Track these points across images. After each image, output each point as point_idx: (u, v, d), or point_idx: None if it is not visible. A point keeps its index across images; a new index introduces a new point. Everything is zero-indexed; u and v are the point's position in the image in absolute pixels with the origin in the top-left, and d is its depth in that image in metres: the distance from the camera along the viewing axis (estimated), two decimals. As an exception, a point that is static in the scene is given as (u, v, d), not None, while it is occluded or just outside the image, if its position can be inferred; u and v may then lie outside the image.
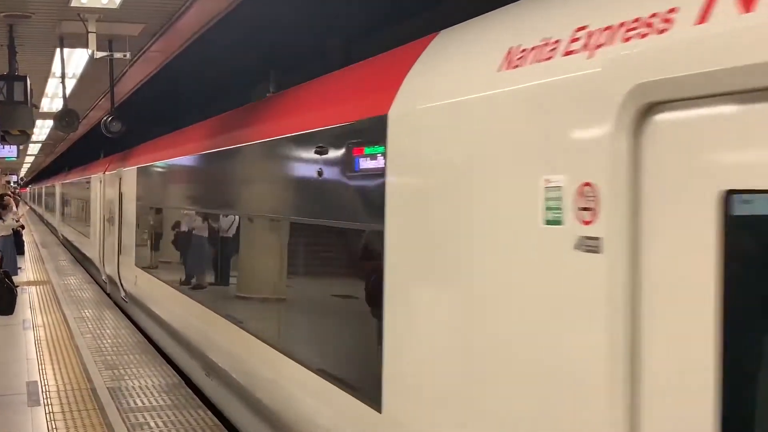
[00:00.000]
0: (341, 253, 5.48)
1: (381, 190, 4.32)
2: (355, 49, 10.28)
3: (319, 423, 5.20)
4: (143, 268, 12.64)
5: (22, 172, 66.81)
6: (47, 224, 43.28)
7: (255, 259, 7.32)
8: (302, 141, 5.77)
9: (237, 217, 7.50)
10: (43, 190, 49.61)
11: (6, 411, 8.09)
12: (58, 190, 33.80)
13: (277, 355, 5.97)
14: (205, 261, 8.97)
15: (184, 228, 10.14)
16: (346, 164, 4.91)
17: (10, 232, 18.48)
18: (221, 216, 8.22)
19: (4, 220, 18.18)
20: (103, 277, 17.59)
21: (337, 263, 5.65)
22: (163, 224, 11.45)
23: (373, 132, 4.43)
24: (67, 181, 29.35)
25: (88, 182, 20.85)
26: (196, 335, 8.79)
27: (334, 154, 5.11)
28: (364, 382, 4.51)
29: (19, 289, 13.35)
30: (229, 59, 13.01)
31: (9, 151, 24.38)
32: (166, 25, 10.38)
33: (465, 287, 3.56)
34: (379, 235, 4.31)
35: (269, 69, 10.16)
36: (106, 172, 17.34)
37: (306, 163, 5.72)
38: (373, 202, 4.45)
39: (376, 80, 4.86)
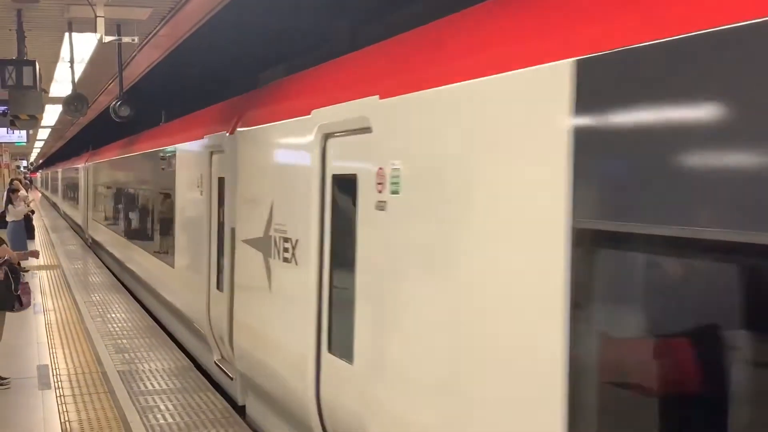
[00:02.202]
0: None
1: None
2: (362, 34, 10.25)
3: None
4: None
5: (32, 157, 67.00)
6: (66, 218, 35.83)
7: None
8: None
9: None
10: (60, 174, 42.10)
11: (17, 394, 8.16)
12: (85, 175, 26.03)
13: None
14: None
15: None
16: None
17: (21, 217, 18.55)
18: None
19: (15, 206, 18.24)
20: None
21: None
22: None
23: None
24: (105, 159, 21.38)
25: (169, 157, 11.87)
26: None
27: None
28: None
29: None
30: (236, 44, 12.99)
31: (19, 136, 24.38)
32: (174, 9, 10.36)
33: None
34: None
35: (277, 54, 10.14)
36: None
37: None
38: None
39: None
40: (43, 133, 37.09)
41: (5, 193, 20.25)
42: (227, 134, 8.14)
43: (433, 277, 4.03)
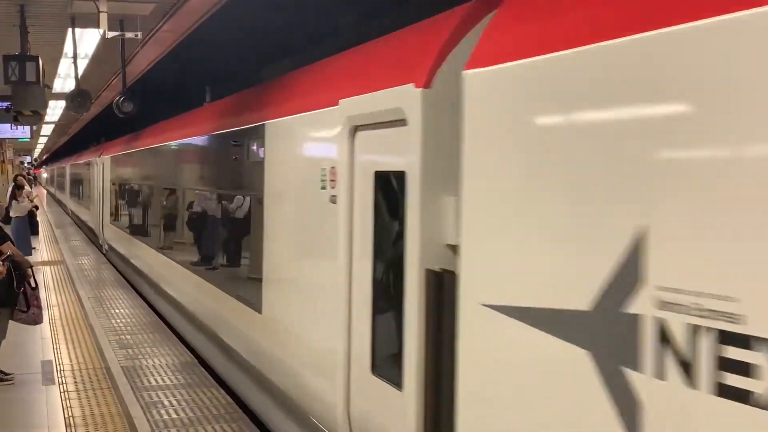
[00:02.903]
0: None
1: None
2: (368, 28, 10.21)
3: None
4: None
5: (36, 153, 67.07)
6: (73, 218, 32.78)
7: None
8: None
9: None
10: (67, 170, 37.35)
11: (21, 390, 8.15)
12: (100, 171, 21.36)
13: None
14: None
15: None
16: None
17: (25, 213, 18.56)
18: None
19: (19, 202, 18.25)
20: None
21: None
22: None
23: None
24: (131, 149, 16.73)
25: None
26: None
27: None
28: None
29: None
30: (240, 39, 12.97)
31: (22, 132, 24.39)
32: (177, 5, 10.33)
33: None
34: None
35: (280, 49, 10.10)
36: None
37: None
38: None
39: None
40: (46, 129, 37.11)
41: (10, 189, 20.27)
42: (415, 88, 4.33)
43: None
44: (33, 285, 8.33)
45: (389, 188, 4.77)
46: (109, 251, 19.62)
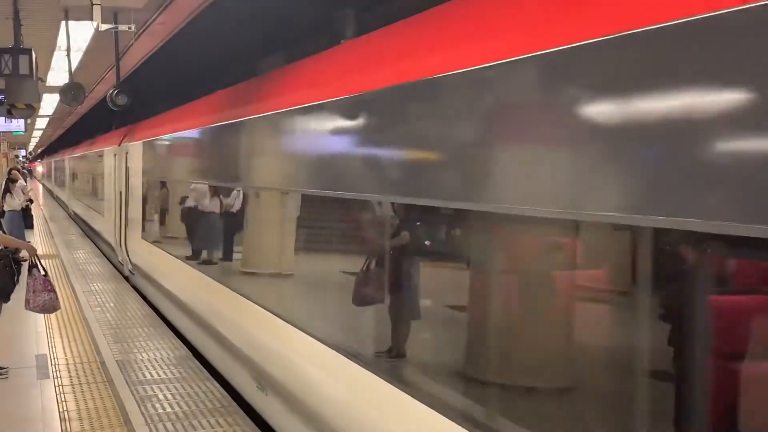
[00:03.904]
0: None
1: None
2: (365, 21, 10.18)
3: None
4: None
5: (31, 146, 66.88)
6: (89, 235, 23.18)
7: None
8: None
9: None
10: (67, 163, 32.15)
11: (15, 384, 8.14)
12: (120, 164, 15.86)
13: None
14: None
15: None
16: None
17: (19, 207, 18.50)
18: None
19: (13, 196, 18.19)
20: None
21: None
22: None
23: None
24: (178, 130, 11.05)
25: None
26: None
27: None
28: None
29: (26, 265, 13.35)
30: (234, 32, 12.92)
31: (17, 125, 24.26)
32: (171, -3, 10.31)
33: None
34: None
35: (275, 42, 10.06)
36: None
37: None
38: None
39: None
40: (41, 123, 37.01)
41: (4, 182, 20.20)
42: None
43: None
44: (43, 272, 8.18)
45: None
46: (137, 275, 14.08)
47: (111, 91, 12.42)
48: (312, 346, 5.67)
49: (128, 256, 14.84)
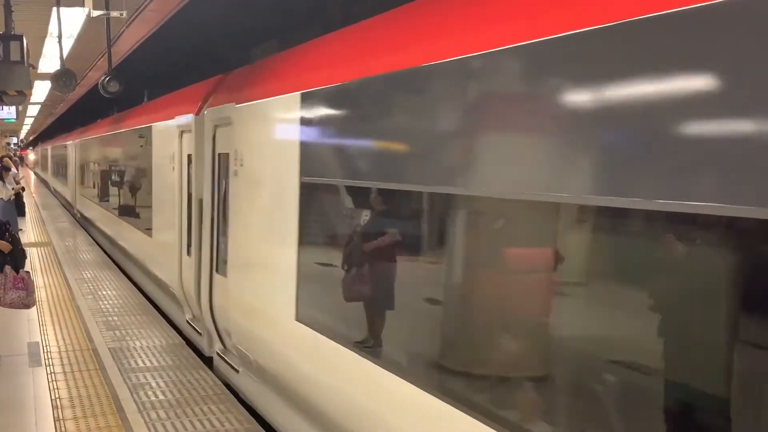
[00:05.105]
0: None
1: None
2: (356, 9, 10.15)
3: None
4: None
5: (22, 134, 66.59)
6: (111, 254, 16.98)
7: None
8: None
9: None
10: (73, 150, 24.97)
11: (7, 371, 8.12)
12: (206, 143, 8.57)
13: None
14: None
15: None
16: None
17: (12, 195, 18.43)
18: None
19: (6, 184, 18.11)
20: None
21: None
22: None
23: None
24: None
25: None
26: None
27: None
28: None
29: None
30: (226, 18, 12.86)
31: (8, 112, 24.14)
32: (163, -17, 10.25)
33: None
34: None
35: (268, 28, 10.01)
36: None
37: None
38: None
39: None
40: (33, 110, 36.83)
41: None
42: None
43: None
44: (16, 270, 8.07)
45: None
46: (248, 374, 7.49)
47: (103, 78, 12.35)
48: None
49: (218, 323, 8.25)
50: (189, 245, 9.26)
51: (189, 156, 9.24)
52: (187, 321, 9.74)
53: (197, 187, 8.84)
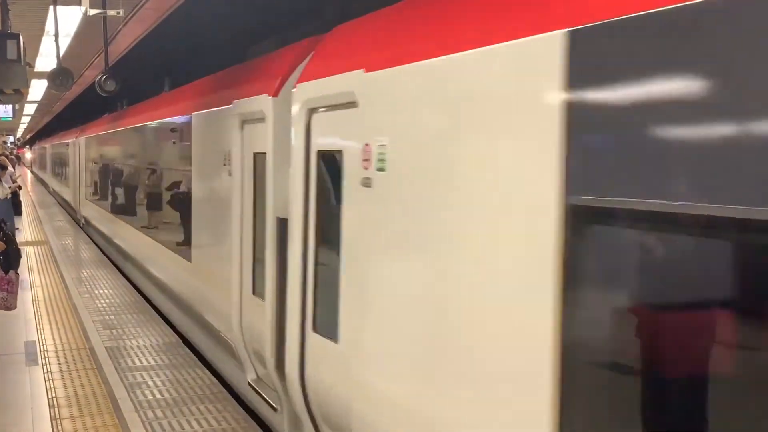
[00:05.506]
0: None
1: None
2: (353, 7, 10.11)
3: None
4: None
5: (19, 132, 66.50)
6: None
7: None
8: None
9: None
10: (80, 148, 22.25)
11: (4, 370, 8.11)
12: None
13: None
14: None
15: None
16: None
17: (8, 194, 18.39)
18: None
19: (2, 183, 18.07)
20: None
21: None
22: None
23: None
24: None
25: None
26: None
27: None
28: None
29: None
30: (223, 17, 12.84)
31: (4, 111, 24.08)
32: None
33: None
34: None
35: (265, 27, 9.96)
36: None
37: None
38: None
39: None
40: (30, 108, 36.77)
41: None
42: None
43: None
44: (2, 272, 8.05)
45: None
46: None
47: (99, 77, 12.32)
48: None
49: (314, 406, 5.54)
50: (254, 280, 6.88)
51: (255, 155, 6.85)
52: (250, 383, 7.02)
53: (276, 200, 6.27)
